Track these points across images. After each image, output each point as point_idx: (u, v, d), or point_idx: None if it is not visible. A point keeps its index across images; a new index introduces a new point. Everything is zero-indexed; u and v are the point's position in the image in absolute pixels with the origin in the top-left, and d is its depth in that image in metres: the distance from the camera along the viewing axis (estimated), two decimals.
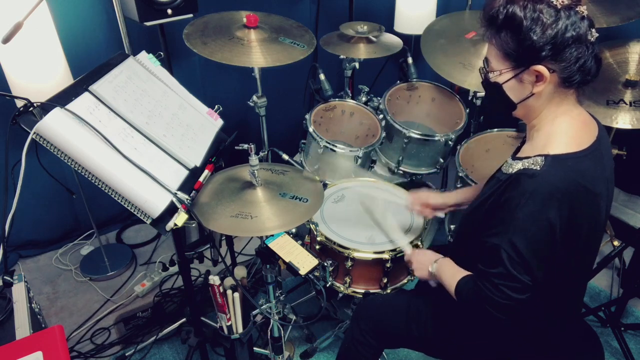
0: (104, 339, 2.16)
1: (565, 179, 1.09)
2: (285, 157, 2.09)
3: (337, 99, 2.30)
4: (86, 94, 1.31)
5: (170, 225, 1.28)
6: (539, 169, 1.10)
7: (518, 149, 1.29)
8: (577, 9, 1.08)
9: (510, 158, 1.23)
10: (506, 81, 1.17)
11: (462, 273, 1.29)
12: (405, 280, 1.81)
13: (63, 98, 1.25)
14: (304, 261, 1.40)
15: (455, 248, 1.48)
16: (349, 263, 1.69)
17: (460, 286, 1.27)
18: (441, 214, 1.73)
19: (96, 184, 1.22)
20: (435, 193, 1.73)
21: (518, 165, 1.15)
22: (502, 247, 1.12)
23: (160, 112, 1.48)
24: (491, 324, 1.22)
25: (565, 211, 1.09)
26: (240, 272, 1.64)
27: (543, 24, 1.07)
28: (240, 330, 1.66)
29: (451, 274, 1.33)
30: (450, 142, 2.17)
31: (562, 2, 1.08)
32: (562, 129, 1.16)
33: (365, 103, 2.32)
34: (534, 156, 1.13)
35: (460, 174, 1.98)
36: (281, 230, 1.37)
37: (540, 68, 1.10)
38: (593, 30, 1.10)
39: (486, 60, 1.21)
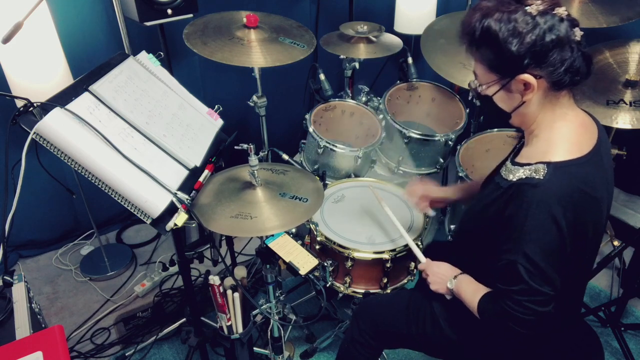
0: (104, 339, 2.16)
1: (568, 187, 1.08)
2: (285, 157, 2.08)
3: (337, 99, 2.30)
4: (86, 94, 1.31)
5: (170, 225, 1.28)
6: (541, 177, 1.09)
7: (517, 152, 1.27)
8: (554, 12, 1.07)
9: (509, 162, 1.21)
10: (495, 93, 1.18)
11: (483, 290, 1.26)
12: (405, 280, 1.81)
13: (63, 98, 1.25)
14: (304, 261, 1.41)
15: (456, 251, 1.47)
16: (349, 263, 1.69)
17: (483, 305, 1.24)
18: (433, 212, 1.70)
19: (96, 184, 1.22)
20: (435, 186, 1.70)
21: (519, 173, 1.14)
22: (518, 261, 1.10)
23: (160, 112, 1.48)
24: (491, 324, 1.22)
25: (570, 217, 1.08)
26: (240, 272, 1.64)
27: (520, 34, 1.06)
28: (240, 330, 1.66)
29: (471, 291, 1.29)
30: (450, 142, 2.17)
31: (538, 8, 1.06)
32: (562, 134, 1.15)
33: (365, 103, 2.32)
34: (535, 163, 1.12)
35: (460, 174, 1.98)
36: (281, 230, 1.37)
37: (526, 77, 1.10)
38: (576, 29, 1.09)
39: (475, 74, 1.22)
